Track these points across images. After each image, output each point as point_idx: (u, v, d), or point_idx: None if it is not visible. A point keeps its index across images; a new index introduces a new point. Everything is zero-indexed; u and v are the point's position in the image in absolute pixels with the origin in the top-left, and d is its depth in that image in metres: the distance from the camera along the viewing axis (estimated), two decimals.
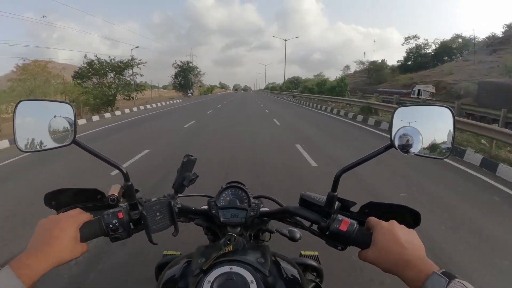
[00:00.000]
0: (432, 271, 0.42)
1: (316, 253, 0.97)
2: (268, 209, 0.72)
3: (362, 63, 49.18)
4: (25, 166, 5.16)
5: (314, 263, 0.82)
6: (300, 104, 22.81)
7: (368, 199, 0.60)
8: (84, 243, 0.54)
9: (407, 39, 45.08)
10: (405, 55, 45.08)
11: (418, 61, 42.44)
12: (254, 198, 0.73)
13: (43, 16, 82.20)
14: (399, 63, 45.27)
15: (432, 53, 43.23)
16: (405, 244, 0.47)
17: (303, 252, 0.98)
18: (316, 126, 9.98)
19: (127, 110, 16.43)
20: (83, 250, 0.54)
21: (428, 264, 0.44)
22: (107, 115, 14.34)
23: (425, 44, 44.03)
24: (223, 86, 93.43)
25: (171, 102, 26.67)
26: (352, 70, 55.62)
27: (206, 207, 0.71)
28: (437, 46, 42.90)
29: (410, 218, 0.57)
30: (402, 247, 0.47)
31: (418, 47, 44.20)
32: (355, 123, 10.87)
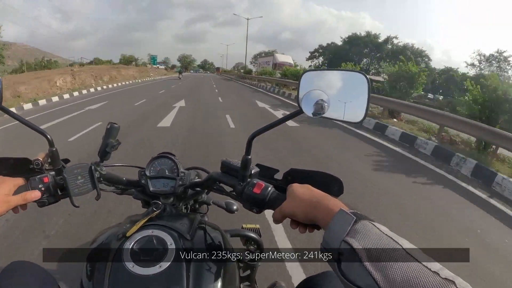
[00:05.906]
0: (339, 208, 0.42)
1: (258, 226, 1.00)
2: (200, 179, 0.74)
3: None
4: None
5: (253, 235, 0.85)
6: None
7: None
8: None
9: None
10: None
11: None
12: (185, 169, 0.74)
13: None
14: None
15: None
16: (318, 190, 0.49)
17: (244, 225, 1.00)
18: None
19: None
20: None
21: (338, 203, 0.44)
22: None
23: None
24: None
25: None
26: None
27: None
28: None
29: (333, 185, 0.58)
30: (314, 191, 0.49)
31: None
32: None
